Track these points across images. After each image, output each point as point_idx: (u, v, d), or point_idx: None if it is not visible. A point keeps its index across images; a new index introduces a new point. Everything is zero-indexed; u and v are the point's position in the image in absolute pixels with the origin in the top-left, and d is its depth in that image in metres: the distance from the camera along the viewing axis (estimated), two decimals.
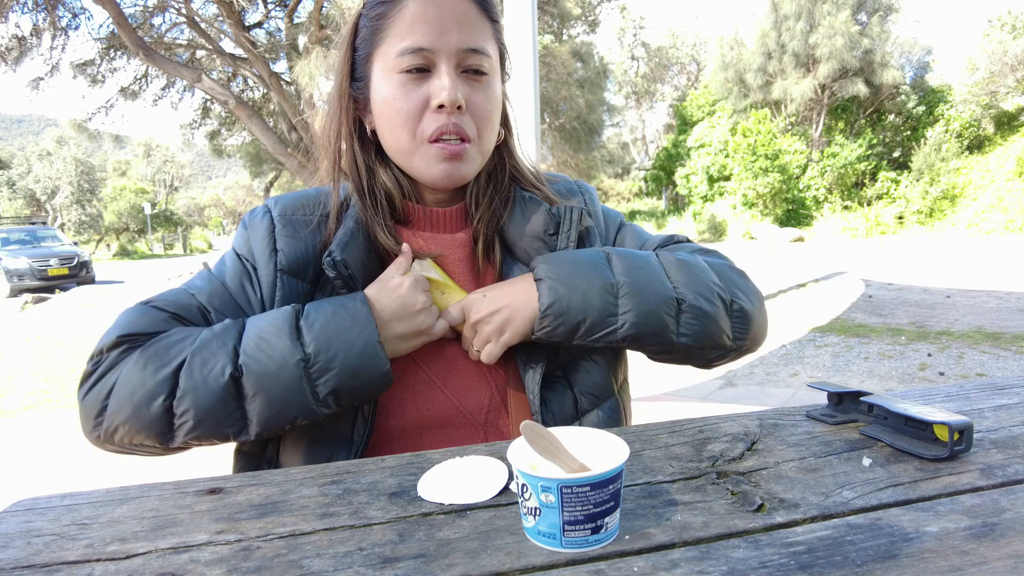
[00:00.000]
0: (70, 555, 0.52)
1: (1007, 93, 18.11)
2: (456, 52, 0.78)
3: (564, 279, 0.77)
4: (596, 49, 17.17)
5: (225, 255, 0.87)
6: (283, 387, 0.70)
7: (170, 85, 12.03)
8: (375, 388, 0.74)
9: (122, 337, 0.75)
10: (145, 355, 0.72)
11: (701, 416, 0.80)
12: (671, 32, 36.07)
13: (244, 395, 0.70)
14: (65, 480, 3.30)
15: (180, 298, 0.81)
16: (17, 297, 12.09)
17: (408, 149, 0.81)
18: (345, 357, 0.71)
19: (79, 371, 5.75)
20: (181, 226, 36.38)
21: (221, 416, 0.70)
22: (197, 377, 0.70)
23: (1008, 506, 0.54)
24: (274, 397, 0.70)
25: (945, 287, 8.38)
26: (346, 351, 0.71)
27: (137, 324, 0.76)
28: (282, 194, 0.90)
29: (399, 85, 0.79)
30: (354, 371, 0.71)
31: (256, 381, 0.70)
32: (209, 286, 0.83)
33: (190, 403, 0.70)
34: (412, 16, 0.78)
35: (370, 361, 0.72)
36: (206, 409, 0.70)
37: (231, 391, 0.70)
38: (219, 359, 0.70)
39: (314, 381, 0.71)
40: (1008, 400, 0.82)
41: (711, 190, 21.94)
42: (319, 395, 0.71)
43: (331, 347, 0.71)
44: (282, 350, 0.70)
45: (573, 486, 0.48)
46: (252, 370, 0.70)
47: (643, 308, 0.77)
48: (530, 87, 3.09)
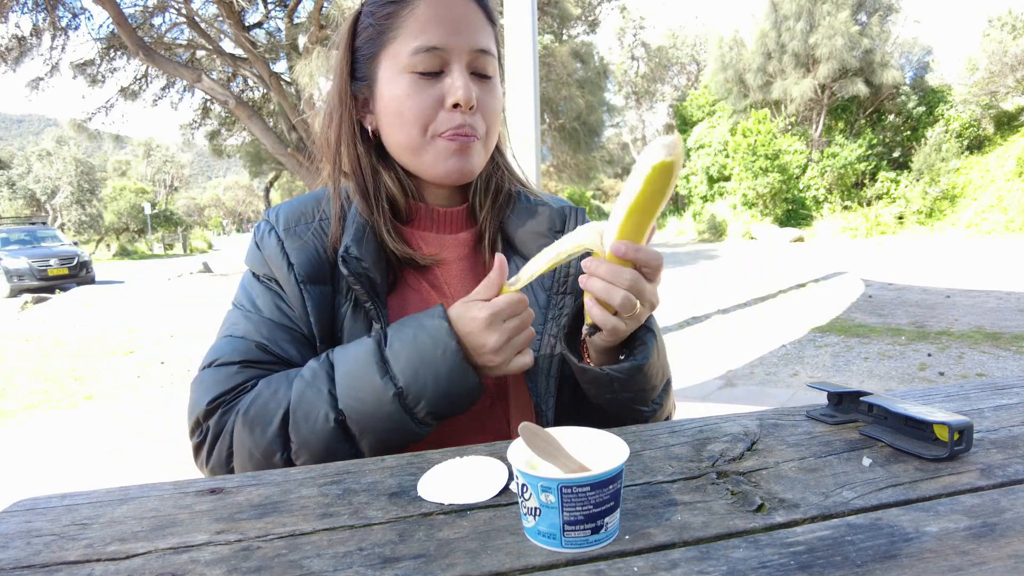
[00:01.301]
0: (70, 555, 0.52)
1: (1007, 93, 18.10)
2: (468, 52, 0.80)
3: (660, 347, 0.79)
4: (596, 49, 17.17)
5: (244, 283, 0.87)
6: (386, 421, 0.72)
7: (170, 85, 12.04)
8: (471, 400, 0.75)
9: (212, 402, 0.77)
10: (247, 419, 0.74)
11: (701, 416, 0.80)
12: (671, 32, 36.06)
13: (352, 435, 0.73)
14: (65, 480, 3.30)
15: (236, 346, 0.80)
16: (17, 297, 12.10)
17: (417, 145, 0.81)
18: (435, 383, 0.72)
19: (79, 371, 5.76)
20: (181, 226, 36.38)
21: (338, 455, 0.73)
22: (304, 430, 0.73)
23: (1008, 506, 0.54)
24: (380, 431, 0.73)
25: (945, 287, 8.38)
26: (435, 377, 0.72)
27: (219, 386, 0.77)
28: (278, 205, 0.90)
29: (411, 84, 0.79)
30: (447, 393, 0.73)
31: (359, 421, 0.72)
32: (251, 323, 0.82)
33: (307, 453, 0.73)
34: (424, 16, 0.79)
35: (460, 380, 0.72)
36: (322, 454, 0.73)
37: (340, 435, 0.73)
38: (320, 408, 0.73)
39: (412, 410, 0.73)
40: (1008, 400, 0.82)
41: (711, 190, 21.94)
42: (419, 419, 0.73)
43: (419, 376, 0.72)
44: (375, 388, 0.72)
45: (573, 486, 0.48)
46: (353, 413, 0.72)
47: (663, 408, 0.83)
48: (530, 87, 3.09)
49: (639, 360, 0.74)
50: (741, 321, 6.95)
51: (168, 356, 6.25)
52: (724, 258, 14.41)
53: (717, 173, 21.50)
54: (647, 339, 0.76)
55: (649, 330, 0.77)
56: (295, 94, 10.28)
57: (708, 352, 5.58)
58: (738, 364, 5.18)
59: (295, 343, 0.81)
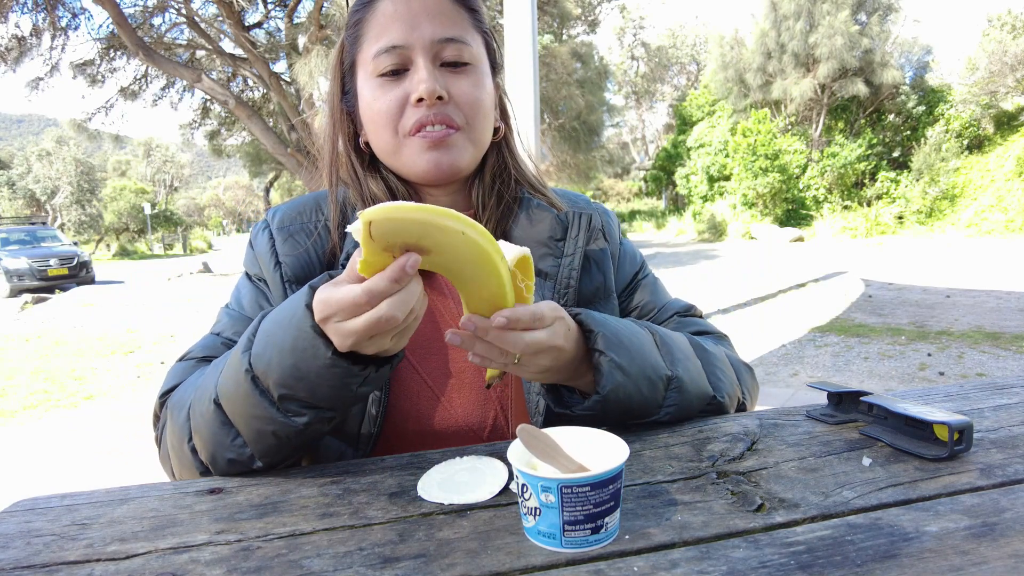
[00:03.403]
0: (70, 555, 0.52)
1: (1007, 93, 18.10)
2: (431, 44, 0.78)
3: (625, 362, 0.71)
4: (596, 49, 17.17)
5: (239, 281, 0.88)
6: (245, 403, 0.65)
7: (170, 85, 12.04)
8: (336, 386, 0.62)
9: (162, 396, 0.78)
10: (171, 403, 0.75)
11: (701, 416, 0.80)
12: (671, 32, 36.07)
13: (229, 420, 0.67)
14: (65, 480, 3.30)
15: (207, 342, 0.82)
16: (17, 297, 12.09)
17: (392, 147, 0.80)
18: (280, 354, 0.62)
19: (79, 371, 5.76)
20: (181, 226, 36.35)
21: (224, 444, 0.67)
22: (197, 413, 0.69)
23: (1008, 506, 0.54)
24: (246, 416, 0.65)
25: (945, 287, 8.37)
26: (280, 347, 0.62)
27: (171, 380, 0.79)
28: (279, 205, 0.90)
29: (379, 87, 0.79)
30: (293, 367, 0.61)
31: (227, 403, 0.66)
32: (230, 319, 0.84)
33: (199, 438, 0.69)
34: (384, 16, 0.78)
35: (306, 354, 0.61)
36: (209, 440, 0.68)
37: (221, 417, 0.67)
38: (208, 389, 0.69)
39: (265, 389, 0.64)
40: (1008, 400, 0.82)
41: (711, 190, 21.94)
42: (276, 403, 0.64)
43: (267, 349, 0.63)
44: (236, 364, 0.66)
45: (573, 486, 0.48)
46: (222, 392, 0.67)
47: (685, 402, 0.77)
48: (530, 87, 3.09)
49: (602, 391, 0.69)
50: (741, 321, 6.95)
51: (168, 356, 6.24)
52: (724, 258, 14.41)
53: (717, 173, 21.50)
54: (603, 365, 0.69)
55: (602, 353, 0.69)
56: (295, 94, 10.29)
57: None
58: None
59: None
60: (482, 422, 0.82)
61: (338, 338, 0.59)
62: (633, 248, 0.99)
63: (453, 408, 0.81)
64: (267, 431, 0.65)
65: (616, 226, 0.98)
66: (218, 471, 0.69)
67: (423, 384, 0.81)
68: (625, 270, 0.95)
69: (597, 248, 0.89)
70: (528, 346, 0.62)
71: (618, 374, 0.70)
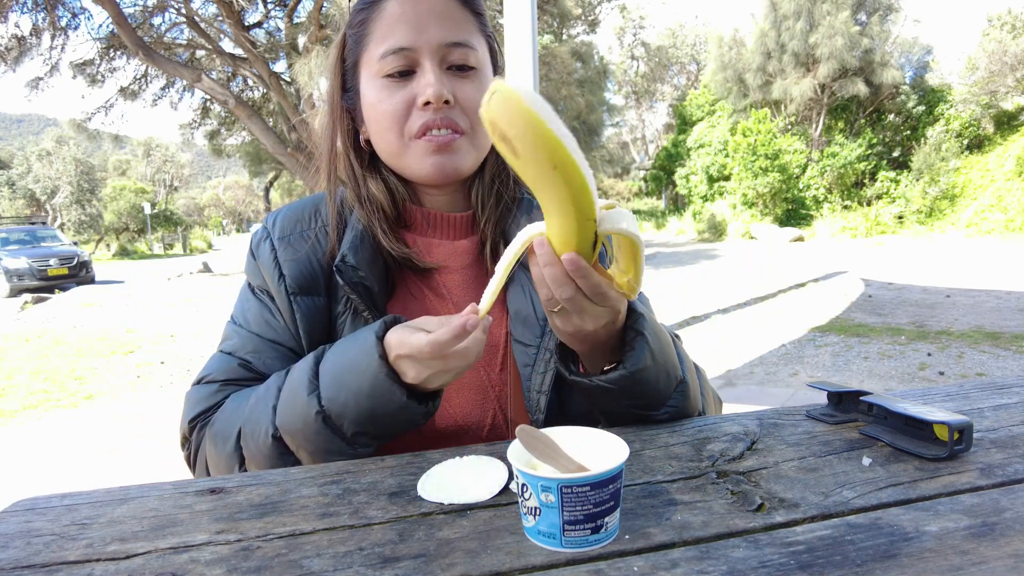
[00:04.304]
0: (70, 555, 0.52)
1: (1007, 93, 18.08)
2: (438, 48, 0.78)
3: (656, 349, 0.72)
4: (596, 49, 17.17)
5: (241, 295, 0.88)
6: (315, 440, 0.69)
7: (170, 85, 12.05)
8: (403, 422, 0.69)
9: (192, 420, 0.80)
10: (212, 433, 0.77)
11: (701, 416, 0.80)
12: (671, 32, 36.07)
13: (291, 451, 0.72)
14: (65, 480, 3.30)
15: (222, 364, 0.83)
16: (17, 297, 12.09)
17: (397, 149, 0.80)
18: (357, 401, 0.67)
19: (79, 371, 5.77)
20: (181, 226, 36.34)
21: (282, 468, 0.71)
22: (251, 445, 0.73)
23: (1008, 506, 0.54)
24: (313, 449, 0.70)
25: (945, 287, 8.37)
26: (356, 395, 0.67)
27: (200, 404, 0.80)
28: (278, 210, 0.89)
29: (384, 88, 0.79)
30: (370, 412, 0.67)
31: (292, 439, 0.71)
32: (240, 338, 0.84)
33: (255, 467, 0.73)
34: (391, 17, 0.78)
35: (384, 399, 0.67)
36: (268, 468, 0.72)
37: (280, 449, 0.71)
38: (263, 423, 0.72)
39: (338, 428, 0.69)
40: (1008, 400, 0.82)
41: (711, 190, 21.93)
42: (348, 439, 0.70)
43: (341, 393, 0.68)
44: (302, 406, 0.69)
45: (573, 486, 0.48)
46: (286, 430, 0.71)
47: (684, 408, 0.78)
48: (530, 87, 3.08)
49: (628, 368, 0.70)
50: (741, 321, 6.95)
51: (168, 356, 6.25)
52: (724, 258, 14.41)
53: (717, 173, 21.49)
54: (637, 344, 0.71)
55: (640, 334, 0.71)
56: (295, 94, 10.29)
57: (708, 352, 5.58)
58: (738, 364, 5.17)
59: (281, 359, 0.81)
60: (481, 421, 0.82)
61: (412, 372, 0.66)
62: None
63: (452, 407, 0.81)
64: (332, 457, 0.70)
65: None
66: None
67: None
68: None
69: None
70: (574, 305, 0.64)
71: (648, 358, 0.71)
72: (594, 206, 0.56)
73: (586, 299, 0.64)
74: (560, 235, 0.59)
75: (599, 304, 0.65)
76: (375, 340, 0.67)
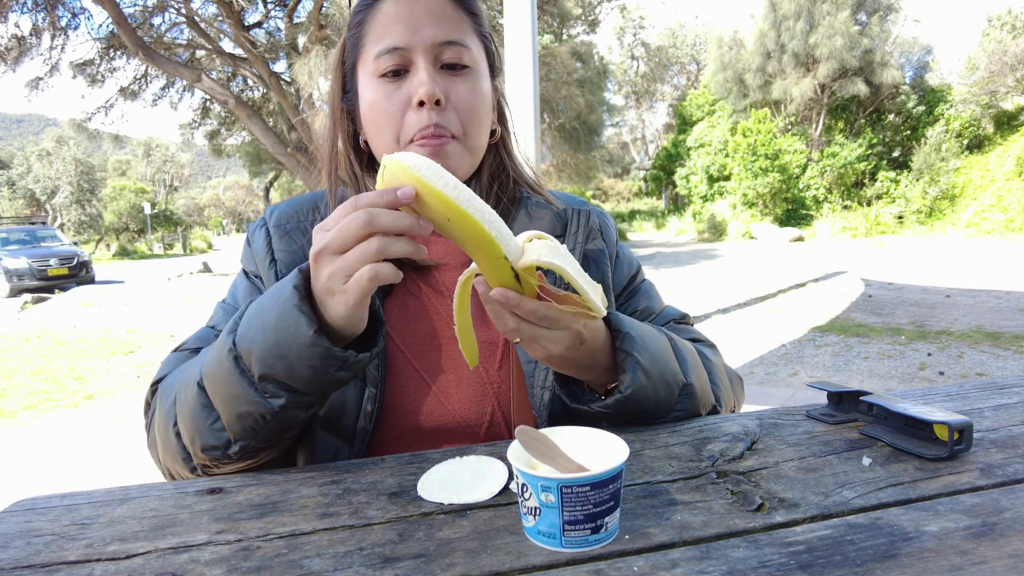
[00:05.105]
0: (70, 555, 0.52)
1: (1007, 93, 18.09)
2: (432, 46, 0.78)
3: (648, 364, 0.71)
4: (596, 49, 17.17)
5: (236, 277, 0.89)
6: (226, 383, 0.65)
7: (170, 85, 12.06)
8: (316, 367, 0.62)
9: (153, 384, 0.79)
10: (162, 388, 0.76)
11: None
12: (671, 32, 36.09)
13: (210, 402, 0.67)
14: (65, 480, 3.30)
15: (201, 334, 0.83)
16: (17, 297, 12.09)
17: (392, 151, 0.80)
18: (263, 331, 0.63)
19: (79, 371, 5.75)
20: (181, 226, 36.35)
21: (203, 427, 0.67)
22: (181, 397, 0.70)
23: (1008, 506, 0.54)
24: (224, 396, 0.65)
25: (945, 287, 8.38)
26: (263, 327, 0.63)
27: (164, 369, 0.80)
28: (279, 202, 0.90)
29: (379, 88, 0.79)
30: (275, 347, 0.62)
31: (209, 384, 0.67)
32: (224, 314, 0.85)
33: (182, 420, 0.69)
34: (386, 17, 0.79)
35: (288, 331, 0.61)
36: (190, 422, 0.68)
37: (203, 400, 0.67)
38: (194, 372, 0.69)
39: (246, 369, 0.64)
40: (1008, 400, 0.82)
41: (711, 190, 21.94)
42: (255, 384, 0.64)
43: (251, 327, 0.64)
44: (220, 345, 0.66)
45: (573, 486, 0.48)
46: (206, 374, 0.67)
47: (693, 408, 0.78)
48: (530, 87, 3.09)
49: (624, 392, 0.70)
50: (741, 321, 6.95)
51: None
52: (724, 258, 14.41)
53: (717, 173, 21.50)
54: (627, 366, 0.70)
55: (629, 354, 0.70)
56: (295, 94, 10.29)
57: None
58: (738, 364, 5.17)
59: None
60: (479, 419, 0.82)
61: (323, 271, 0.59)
62: (630, 253, 1.00)
63: (450, 405, 0.81)
64: (244, 412, 0.65)
65: (613, 228, 0.98)
66: (197, 458, 0.69)
67: (420, 380, 0.81)
68: (622, 273, 0.95)
69: (595, 248, 0.90)
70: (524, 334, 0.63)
71: (642, 376, 0.70)
72: (497, 246, 0.57)
73: (534, 326, 0.63)
74: (484, 274, 0.61)
75: (552, 328, 0.63)
76: (295, 272, 0.64)
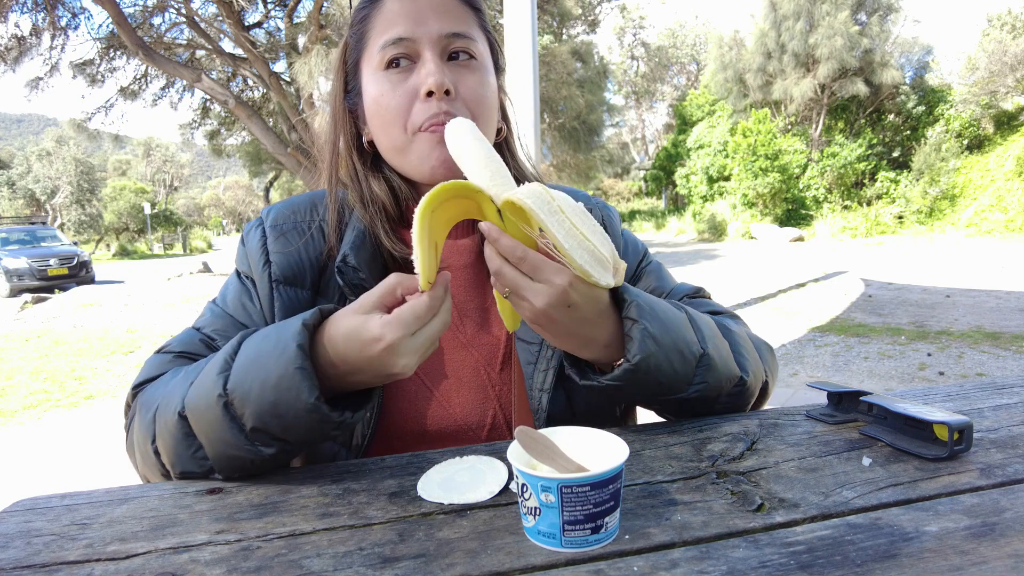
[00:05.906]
0: (70, 555, 0.52)
1: (1007, 93, 18.08)
2: (439, 38, 0.78)
3: (658, 332, 0.68)
4: (596, 49, 17.17)
5: (228, 278, 0.88)
6: (214, 426, 0.63)
7: (170, 85, 12.05)
8: (312, 429, 0.62)
9: (135, 387, 0.77)
10: (143, 398, 0.73)
11: (701, 416, 0.80)
12: (671, 32, 36.09)
13: (193, 433, 0.65)
14: (65, 480, 3.30)
15: (186, 336, 0.81)
16: (17, 297, 12.08)
17: (401, 144, 0.80)
18: (261, 389, 0.61)
19: (79, 371, 5.75)
20: (181, 226, 36.33)
21: (184, 455, 0.66)
22: (161, 420, 0.68)
23: (1008, 506, 0.54)
24: (211, 437, 0.64)
25: (945, 287, 8.37)
26: (263, 382, 0.61)
27: (146, 372, 0.78)
28: (276, 203, 0.89)
29: (385, 80, 0.79)
30: (273, 404, 0.61)
31: (195, 420, 0.65)
32: (212, 316, 0.83)
33: (161, 443, 0.68)
34: (390, 12, 0.79)
35: (289, 394, 0.60)
36: (171, 449, 0.67)
37: (184, 430, 0.65)
38: (176, 398, 0.67)
39: (237, 418, 0.63)
40: (1008, 400, 0.82)
41: (711, 190, 21.93)
42: (247, 433, 0.63)
43: (247, 379, 0.62)
44: (209, 385, 0.64)
45: (573, 486, 0.48)
46: (191, 408, 0.65)
47: (715, 380, 0.74)
48: (530, 87, 3.09)
49: (631, 360, 0.67)
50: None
51: None
52: (724, 258, 14.40)
53: (717, 173, 21.49)
54: (633, 333, 0.67)
55: (635, 322, 0.68)
56: (295, 94, 10.29)
57: None
58: None
59: None
60: (481, 421, 0.82)
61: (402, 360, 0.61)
62: (635, 238, 0.99)
63: (451, 408, 0.81)
64: (232, 455, 0.64)
65: (617, 219, 0.98)
66: (177, 477, 0.68)
67: (421, 384, 0.81)
68: (629, 260, 0.95)
69: None
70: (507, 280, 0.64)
71: (650, 343, 0.67)
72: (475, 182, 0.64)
73: (516, 272, 0.63)
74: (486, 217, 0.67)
75: (534, 279, 0.63)
76: (300, 327, 0.62)
